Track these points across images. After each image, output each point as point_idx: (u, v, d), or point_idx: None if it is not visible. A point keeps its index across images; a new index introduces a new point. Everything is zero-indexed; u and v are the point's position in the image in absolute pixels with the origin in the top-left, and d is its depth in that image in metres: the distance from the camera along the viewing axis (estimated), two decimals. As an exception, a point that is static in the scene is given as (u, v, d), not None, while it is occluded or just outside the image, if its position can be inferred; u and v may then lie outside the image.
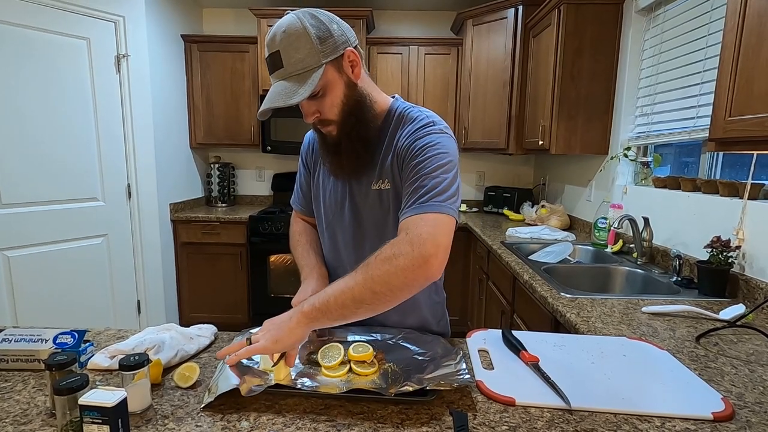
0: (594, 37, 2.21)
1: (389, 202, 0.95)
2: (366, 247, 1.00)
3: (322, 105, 0.87)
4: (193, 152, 3.32)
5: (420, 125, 0.90)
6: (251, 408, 0.72)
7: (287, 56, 0.82)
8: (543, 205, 2.79)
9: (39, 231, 2.26)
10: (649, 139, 2.02)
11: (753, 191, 1.40)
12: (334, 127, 0.90)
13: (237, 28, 3.37)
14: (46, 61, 2.22)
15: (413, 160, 0.86)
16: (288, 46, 0.81)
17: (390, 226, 0.96)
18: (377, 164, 0.95)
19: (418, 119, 0.92)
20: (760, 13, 0.95)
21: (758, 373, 0.89)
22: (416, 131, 0.89)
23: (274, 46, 0.82)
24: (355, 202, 0.99)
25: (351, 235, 1.01)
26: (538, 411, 0.72)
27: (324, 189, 1.04)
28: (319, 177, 1.06)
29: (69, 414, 0.64)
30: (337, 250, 1.05)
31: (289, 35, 0.81)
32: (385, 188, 0.94)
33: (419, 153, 0.86)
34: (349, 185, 0.99)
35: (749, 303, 1.32)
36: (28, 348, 0.84)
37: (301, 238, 1.12)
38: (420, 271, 0.76)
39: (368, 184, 0.96)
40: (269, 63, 0.84)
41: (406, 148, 0.89)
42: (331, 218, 1.04)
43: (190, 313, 3.12)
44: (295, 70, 0.82)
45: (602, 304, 1.31)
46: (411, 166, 0.86)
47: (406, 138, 0.90)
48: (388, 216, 0.96)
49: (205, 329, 1.01)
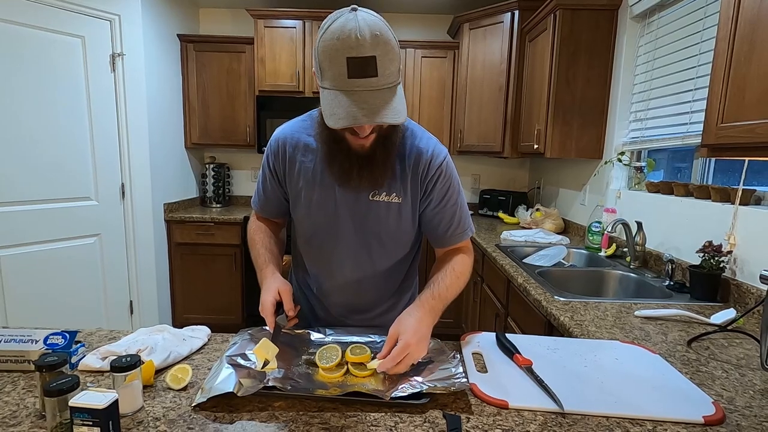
0: (589, 42, 2.22)
1: (400, 214, 0.98)
2: (364, 257, 1.01)
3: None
4: (188, 152, 3.31)
5: (433, 150, 0.97)
6: (244, 410, 0.72)
7: (383, 66, 0.74)
8: (538, 208, 2.81)
9: (31, 230, 2.24)
10: (642, 144, 2.04)
11: (744, 197, 1.42)
12: (374, 136, 0.86)
13: (234, 28, 3.36)
14: (39, 59, 2.20)
15: (444, 195, 0.99)
16: (385, 54, 0.74)
17: (403, 236, 1.02)
18: (382, 175, 0.93)
19: (429, 144, 0.97)
20: (753, 22, 0.96)
21: (748, 377, 0.90)
22: (433, 155, 0.96)
23: (368, 49, 0.73)
24: (354, 212, 0.97)
25: (348, 246, 1.00)
26: (531, 414, 0.73)
27: (307, 199, 0.99)
28: (300, 187, 0.99)
29: (59, 416, 0.63)
30: (327, 259, 1.04)
31: (386, 43, 0.74)
32: (395, 201, 0.97)
33: (447, 184, 0.99)
34: (343, 196, 0.96)
35: (740, 307, 1.33)
36: (18, 349, 0.83)
37: (257, 236, 1.07)
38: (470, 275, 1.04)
39: (368, 194, 0.95)
40: (357, 65, 0.73)
41: (432, 177, 0.97)
42: (322, 228, 1.01)
43: (184, 314, 3.09)
44: (387, 83, 0.76)
45: (595, 307, 1.32)
46: (441, 198, 0.98)
47: (424, 161, 0.96)
48: (399, 227, 0.99)
49: (198, 331, 1.00)
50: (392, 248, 1.03)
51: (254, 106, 3.15)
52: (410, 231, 1.02)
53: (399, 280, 1.11)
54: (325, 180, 0.96)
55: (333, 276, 1.05)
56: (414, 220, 1.01)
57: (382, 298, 1.10)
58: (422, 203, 0.99)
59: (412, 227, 1.02)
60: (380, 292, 1.09)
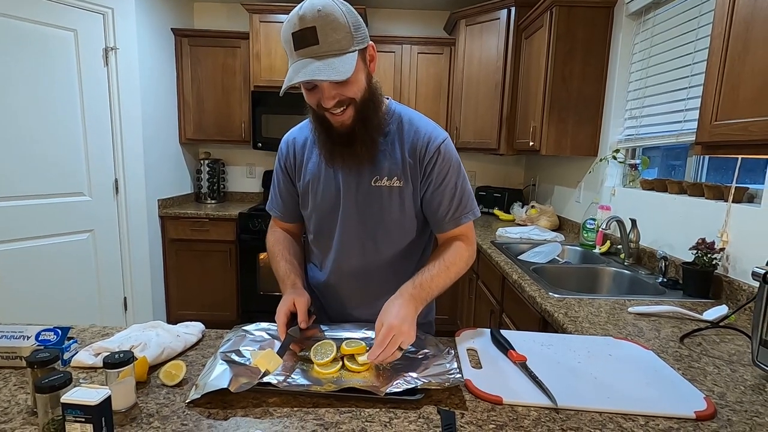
0: (585, 39, 2.23)
1: (402, 199, 0.99)
2: (369, 245, 1.02)
3: (345, 90, 0.87)
4: (183, 148, 3.28)
5: (433, 135, 0.98)
6: (238, 406, 0.72)
7: (324, 34, 0.80)
8: (533, 205, 2.82)
9: (23, 225, 2.22)
10: (637, 142, 2.05)
11: (737, 194, 1.43)
12: (351, 112, 0.89)
13: (229, 23, 3.33)
14: (31, 53, 2.17)
15: (443, 177, 0.98)
16: (325, 25, 0.80)
17: (407, 221, 1.02)
18: (381, 161, 0.97)
19: (427, 128, 0.99)
20: (747, 20, 0.96)
21: (740, 372, 0.91)
22: (432, 140, 0.97)
23: (307, 22, 0.80)
24: (356, 200, 0.99)
25: (353, 233, 1.01)
26: (524, 410, 0.73)
27: (314, 191, 1.03)
28: (307, 181, 1.03)
29: (51, 412, 0.63)
30: (333, 248, 1.04)
31: (327, 15, 0.80)
32: (397, 185, 0.98)
33: (446, 166, 0.98)
34: (346, 183, 0.99)
35: (732, 304, 1.34)
36: (10, 345, 0.82)
37: (276, 248, 1.09)
38: (471, 263, 1.04)
39: (369, 180, 0.97)
40: (298, 37, 0.81)
41: (430, 159, 0.97)
42: (327, 218, 1.03)
43: (178, 311, 3.08)
44: (331, 50, 0.82)
45: (590, 304, 1.32)
46: (441, 180, 0.98)
47: (423, 145, 0.97)
48: (402, 212, 1.00)
49: (192, 327, 1.00)
50: (397, 235, 1.03)
51: (249, 101, 3.13)
52: (413, 217, 1.02)
53: (407, 271, 1.09)
54: (329, 171, 1.00)
55: (340, 266, 1.06)
56: (416, 204, 1.01)
57: (390, 289, 1.08)
58: (422, 186, 1.00)
59: (415, 213, 1.02)
60: (388, 284, 1.06)
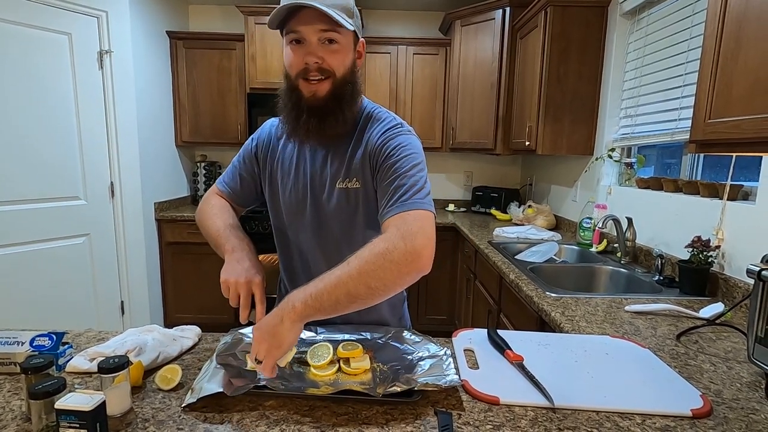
0: (580, 39, 2.23)
1: (357, 202, 0.94)
2: (331, 248, 0.98)
3: (330, 56, 0.86)
4: (179, 150, 3.27)
5: (389, 126, 0.93)
6: (234, 410, 0.71)
7: None
8: (529, 205, 2.82)
9: (18, 230, 2.20)
10: (632, 141, 2.06)
11: (732, 192, 1.43)
12: (329, 85, 0.87)
13: (224, 25, 3.33)
14: (25, 57, 2.16)
15: (388, 160, 0.88)
16: None
17: (358, 226, 0.96)
18: (345, 161, 0.94)
19: (386, 120, 0.95)
20: (739, 19, 0.97)
21: (736, 370, 0.91)
22: (387, 131, 0.92)
23: None
24: (319, 202, 0.96)
25: (314, 236, 0.99)
26: (522, 410, 0.73)
27: (283, 187, 1.00)
28: (276, 174, 1.00)
29: (45, 418, 0.62)
30: (298, 251, 1.02)
31: None
32: (354, 187, 0.94)
33: (394, 153, 0.88)
34: (312, 184, 0.96)
35: (728, 301, 1.35)
36: (4, 351, 0.82)
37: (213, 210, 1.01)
38: (413, 265, 0.76)
39: (333, 182, 0.95)
40: None
41: (379, 148, 0.90)
42: (292, 219, 1.00)
43: (175, 314, 3.07)
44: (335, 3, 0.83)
45: (586, 303, 1.33)
46: (387, 165, 0.88)
47: (378, 137, 0.91)
48: (355, 216, 0.95)
49: (188, 330, 0.99)
50: (361, 239, 0.94)
51: (245, 103, 3.12)
52: (376, 219, 0.93)
53: None
54: (300, 170, 0.98)
55: (309, 270, 1.01)
56: (376, 206, 0.94)
57: None
58: (375, 181, 0.92)
59: (377, 215, 0.94)
60: None
